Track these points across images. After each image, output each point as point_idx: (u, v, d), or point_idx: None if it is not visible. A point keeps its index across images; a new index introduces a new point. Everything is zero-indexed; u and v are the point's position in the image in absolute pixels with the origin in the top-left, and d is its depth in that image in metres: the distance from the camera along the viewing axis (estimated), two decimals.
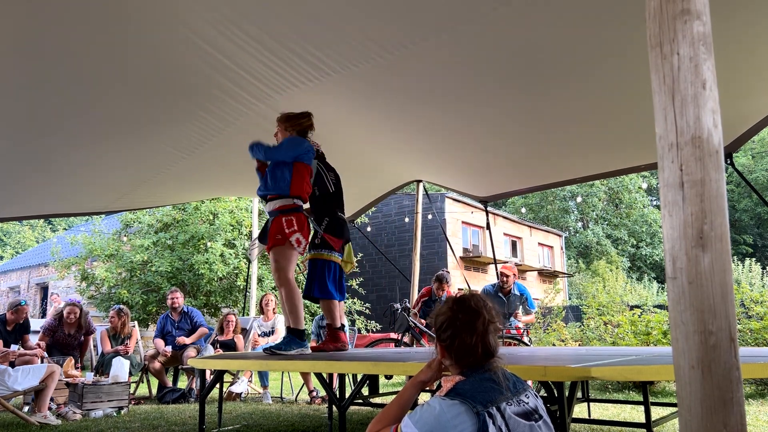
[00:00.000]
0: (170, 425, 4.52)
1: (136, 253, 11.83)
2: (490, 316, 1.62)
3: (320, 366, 3.08)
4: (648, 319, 7.29)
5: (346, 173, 5.92)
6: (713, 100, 1.24)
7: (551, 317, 11.70)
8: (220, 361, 3.97)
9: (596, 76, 3.65)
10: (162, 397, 6.16)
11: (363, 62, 3.41)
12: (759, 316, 6.89)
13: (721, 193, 1.20)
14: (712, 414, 1.14)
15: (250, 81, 3.67)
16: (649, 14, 1.31)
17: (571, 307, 18.17)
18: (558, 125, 4.42)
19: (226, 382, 6.22)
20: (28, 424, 4.56)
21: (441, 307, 1.69)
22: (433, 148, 5.22)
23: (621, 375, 2.30)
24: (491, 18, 2.97)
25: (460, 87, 3.85)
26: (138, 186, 5.55)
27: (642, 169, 5.23)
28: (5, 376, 4.73)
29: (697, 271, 1.18)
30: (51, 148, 4.43)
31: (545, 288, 20.33)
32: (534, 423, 1.54)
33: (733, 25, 2.98)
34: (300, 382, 6.61)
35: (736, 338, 1.17)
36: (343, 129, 4.71)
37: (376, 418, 1.73)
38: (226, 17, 2.97)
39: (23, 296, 19.37)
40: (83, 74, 3.42)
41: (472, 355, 1.59)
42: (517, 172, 5.73)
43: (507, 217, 22.79)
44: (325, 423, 4.52)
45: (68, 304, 6.23)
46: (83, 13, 2.83)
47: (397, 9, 2.93)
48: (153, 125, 4.28)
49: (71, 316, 6.08)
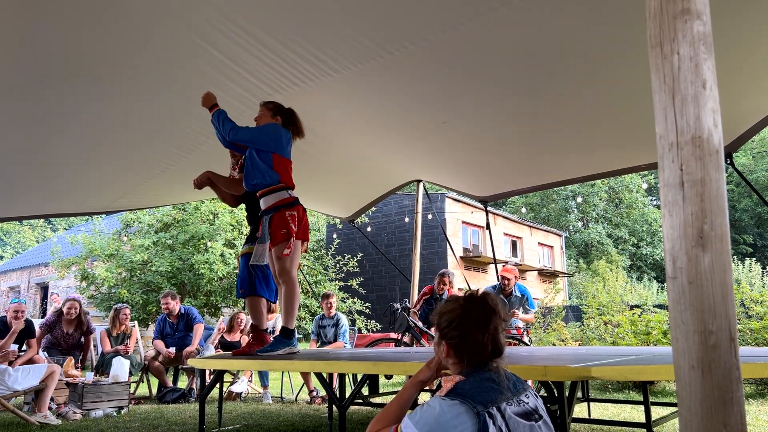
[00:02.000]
0: (170, 425, 4.52)
1: (136, 253, 11.83)
2: (502, 314, 1.62)
3: (320, 366, 3.08)
4: (648, 319, 7.29)
5: (347, 173, 5.94)
6: (713, 99, 1.24)
7: (551, 317, 11.71)
8: (220, 361, 3.97)
9: (596, 75, 3.65)
10: (162, 396, 6.16)
11: (363, 62, 3.41)
12: (759, 316, 6.89)
13: (721, 193, 1.20)
14: (712, 414, 1.14)
15: (250, 80, 3.67)
16: (649, 14, 1.31)
17: (571, 307, 18.17)
18: (558, 125, 4.43)
19: (226, 382, 6.22)
20: (28, 424, 4.56)
21: (446, 305, 1.67)
22: (433, 148, 5.22)
23: (621, 375, 2.30)
24: (491, 18, 2.97)
25: (461, 86, 3.85)
26: (138, 185, 5.55)
27: (642, 169, 5.23)
28: (5, 376, 4.73)
29: (697, 270, 1.18)
30: (51, 147, 4.43)
31: (545, 288, 20.34)
32: (534, 423, 1.54)
33: (733, 25, 2.98)
34: (300, 382, 6.61)
35: (736, 338, 1.17)
36: (343, 128, 4.71)
37: (375, 417, 1.73)
38: (227, 16, 2.97)
39: (23, 296, 19.38)
40: (83, 73, 3.42)
41: (481, 353, 1.58)
42: (517, 171, 5.73)
43: (507, 216, 22.80)
44: (325, 423, 4.52)
45: (68, 300, 6.22)
46: (83, 12, 2.83)
47: (398, 9, 2.93)
48: (153, 124, 4.28)
49: (71, 312, 6.07)
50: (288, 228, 3.48)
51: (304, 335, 12.37)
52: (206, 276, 11.56)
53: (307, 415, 5.06)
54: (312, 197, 6.89)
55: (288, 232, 3.47)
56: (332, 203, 7.21)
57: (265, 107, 3.67)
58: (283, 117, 3.66)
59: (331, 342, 6.39)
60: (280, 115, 3.66)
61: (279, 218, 3.51)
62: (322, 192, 6.61)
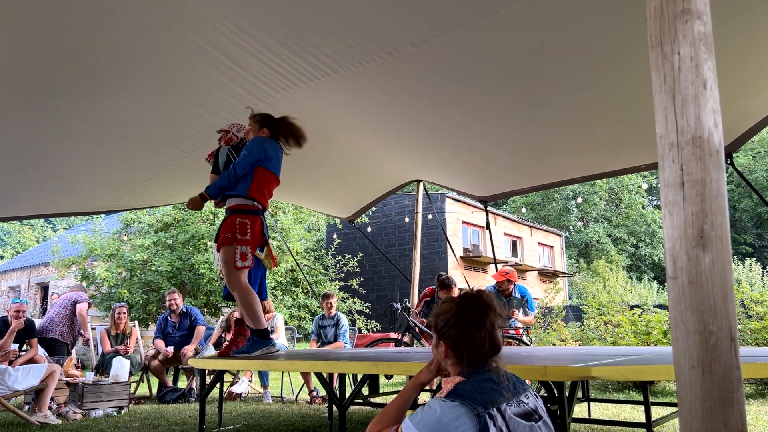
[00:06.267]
0: (170, 425, 4.52)
1: (137, 253, 11.83)
2: (498, 311, 1.63)
3: (320, 366, 3.08)
4: (648, 319, 7.29)
5: (347, 173, 5.94)
6: (714, 99, 1.24)
7: (551, 317, 11.70)
8: (220, 361, 3.97)
9: (597, 75, 3.65)
10: (162, 396, 6.16)
11: (363, 63, 3.41)
12: (759, 316, 6.89)
13: (721, 193, 1.20)
14: (713, 414, 1.14)
15: (250, 80, 3.67)
16: (649, 14, 1.31)
17: (571, 307, 18.17)
18: (558, 125, 4.42)
19: (226, 382, 6.22)
20: (28, 424, 4.56)
21: (442, 306, 1.68)
22: (433, 148, 5.22)
23: (621, 375, 2.30)
24: (493, 20, 2.97)
25: (461, 87, 3.85)
26: (138, 185, 5.54)
27: (642, 169, 5.23)
28: (5, 376, 4.73)
29: (697, 270, 1.18)
30: (52, 147, 4.43)
31: (545, 288, 20.33)
32: (534, 423, 1.54)
33: (733, 25, 2.98)
34: (300, 382, 6.61)
35: (736, 338, 1.17)
36: (343, 128, 4.71)
37: (375, 418, 1.73)
38: (227, 16, 2.97)
39: (23, 296, 19.37)
40: (84, 74, 3.42)
41: (479, 350, 1.58)
42: (517, 171, 5.73)
43: (507, 216, 22.79)
44: (325, 423, 4.52)
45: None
46: (83, 12, 2.83)
47: (398, 11, 2.93)
48: (153, 124, 4.28)
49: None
50: (232, 233, 3.45)
51: (304, 335, 12.37)
52: (206, 276, 11.56)
53: (307, 415, 5.06)
54: (312, 197, 6.89)
55: (231, 237, 3.44)
56: (332, 203, 7.21)
57: (252, 120, 3.69)
58: (270, 128, 3.66)
59: (331, 342, 6.39)
60: (267, 127, 3.66)
61: (229, 221, 3.52)
62: (322, 192, 6.61)
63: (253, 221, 3.52)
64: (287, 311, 12.57)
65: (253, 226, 3.51)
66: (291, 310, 12.83)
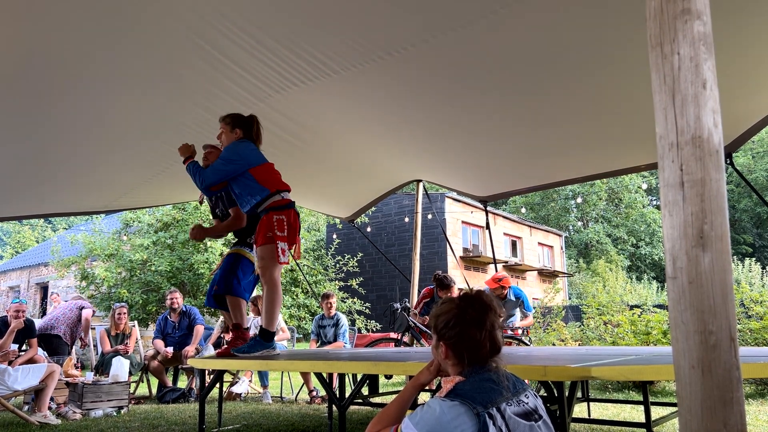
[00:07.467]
0: (170, 425, 4.52)
1: (136, 253, 11.84)
2: (498, 311, 1.63)
3: (320, 366, 3.08)
4: (648, 319, 7.29)
5: (347, 173, 5.93)
6: (714, 99, 1.24)
7: (551, 317, 11.70)
8: (220, 361, 3.97)
9: (597, 75, 3.65)
10: (162, 396, 6.16)
11: (363, 63, 3.41)
12: (759, 316, 6.89)
13: (721, 193, 1.20)
14: (712, 414, 1.14)
15: (250, 80, 3.67)
16: (649, 14, 1.31)
17: (571, 307, 18.17)
18: (558, 125, 4.43)
19: (226, 382, 6.22)
20: (28, 424, 4.56)
21: (442, 307, 1.68)
22: (432, 148, 5.22)
23: (621, 375, 2.30)
24: (492, 19, 2.97)
25: (461, 87, 3.85)
26: (138, 185, 5.54)
27: (642, 169, 5.23)
28: (5, 376, 4.73)
29: (697, 270, 1.18)
30: (51, 147, 4.43)
31: (545, 288, 20.32)
32: (534, 423, 1.54)
33: (733, 25, 2.98)
34: (300, 382, 6.61)
35: (736, 338, 1.17)
36: (343, 128, 4.71)
37: (375, 418, 1.73)
38: (227, 16, 2.97)
39: (23, 296, 19.36)
40: (83, 73, 3.42)
41: (479, 350, 1.58)
42: (517, 171, 5.73)
43: (507, 216, 22.80)
44: (325, 423, 4.52)
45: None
46: (82, 11, 2.83)
47: (398, 11, 2.93)
48: (153, 124, 4.28)
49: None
50: (272, 231, 3.47)
51: (304, 335, 12.37)
52: (206, 276, 11.56)
53: (307, 415, 5.06)
54: (312, 197, 6.88)
55: (272, 236, 3.47)
56: (332, 203, 7.21)
57: (223, 123, 3.67)
58: (242, 128, 3.64)
59: (331, 342, 6.39)
60: (240, 127, 3.64)
61: (266, 220, 3.53)
62: (322, 192, 6.61)
63: (288, 215, 3.54)
64: (287, 311, 12.58)
65: (288, 220, 3.54)
66: (290, 310, 12.84)
